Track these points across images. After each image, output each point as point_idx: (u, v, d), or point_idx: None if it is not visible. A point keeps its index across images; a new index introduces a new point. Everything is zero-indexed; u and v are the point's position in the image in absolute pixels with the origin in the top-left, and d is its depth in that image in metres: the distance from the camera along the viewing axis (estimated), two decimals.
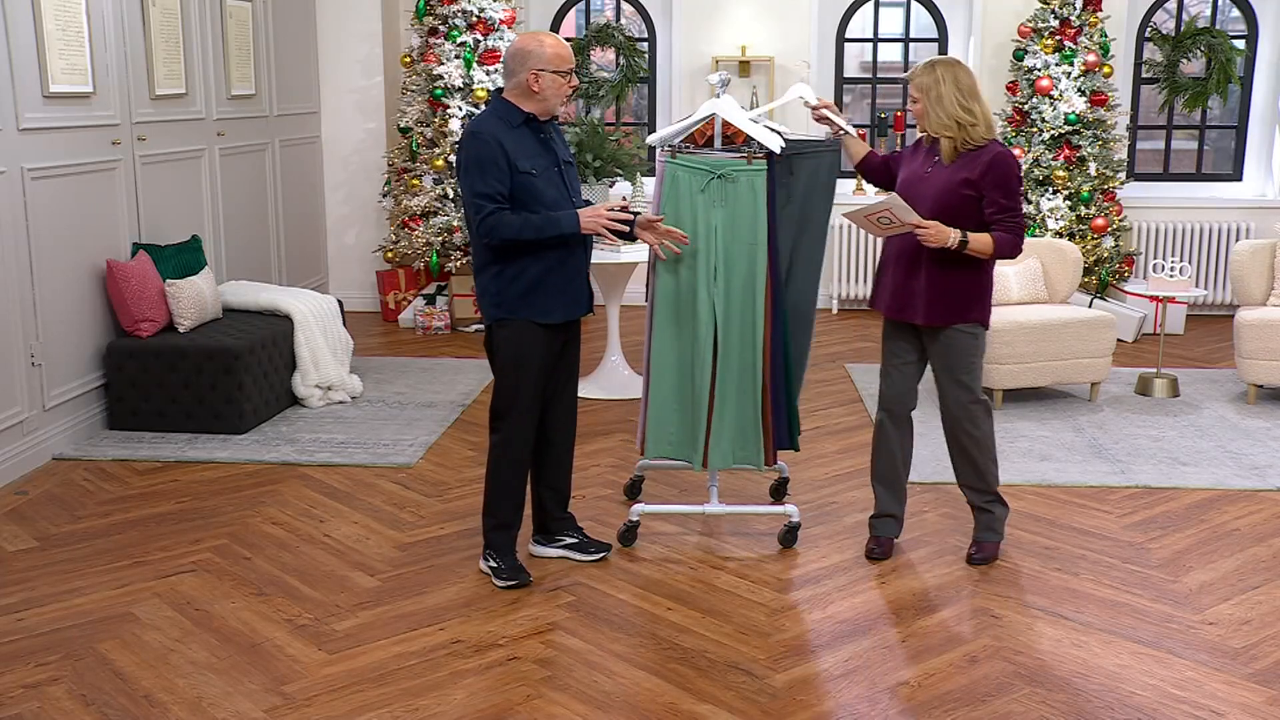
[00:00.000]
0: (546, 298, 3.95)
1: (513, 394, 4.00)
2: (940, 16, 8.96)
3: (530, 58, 3.88)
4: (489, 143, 3.83)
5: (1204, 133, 9.09)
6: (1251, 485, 5.10)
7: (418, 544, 4.43)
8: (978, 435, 4.19)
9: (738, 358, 4.27)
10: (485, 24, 7.97)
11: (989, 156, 3.97)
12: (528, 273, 3.91)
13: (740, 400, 4.31)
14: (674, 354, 4.30)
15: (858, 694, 3.38)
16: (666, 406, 4.34)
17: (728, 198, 4.21)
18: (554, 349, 4.06)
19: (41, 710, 3.26)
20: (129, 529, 4.56)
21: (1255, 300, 6.55)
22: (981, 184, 3.97)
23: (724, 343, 4.25)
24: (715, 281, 4.22)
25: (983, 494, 4.29)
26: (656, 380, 4.34)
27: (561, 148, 4.06)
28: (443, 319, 8.12)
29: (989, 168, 3.96)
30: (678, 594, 4.02)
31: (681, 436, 4.35)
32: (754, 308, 4.25)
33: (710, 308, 4.22)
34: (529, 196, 3.87)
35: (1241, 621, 3.84)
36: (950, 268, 4.04)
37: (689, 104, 8.73)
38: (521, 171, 3.85)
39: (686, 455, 4.37)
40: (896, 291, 4.17)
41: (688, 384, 4.31)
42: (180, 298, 5.83)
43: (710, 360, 4.25)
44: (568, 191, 3.99)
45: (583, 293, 4.07)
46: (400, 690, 3.38)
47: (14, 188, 5.08)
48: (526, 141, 3.91)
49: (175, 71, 6.37)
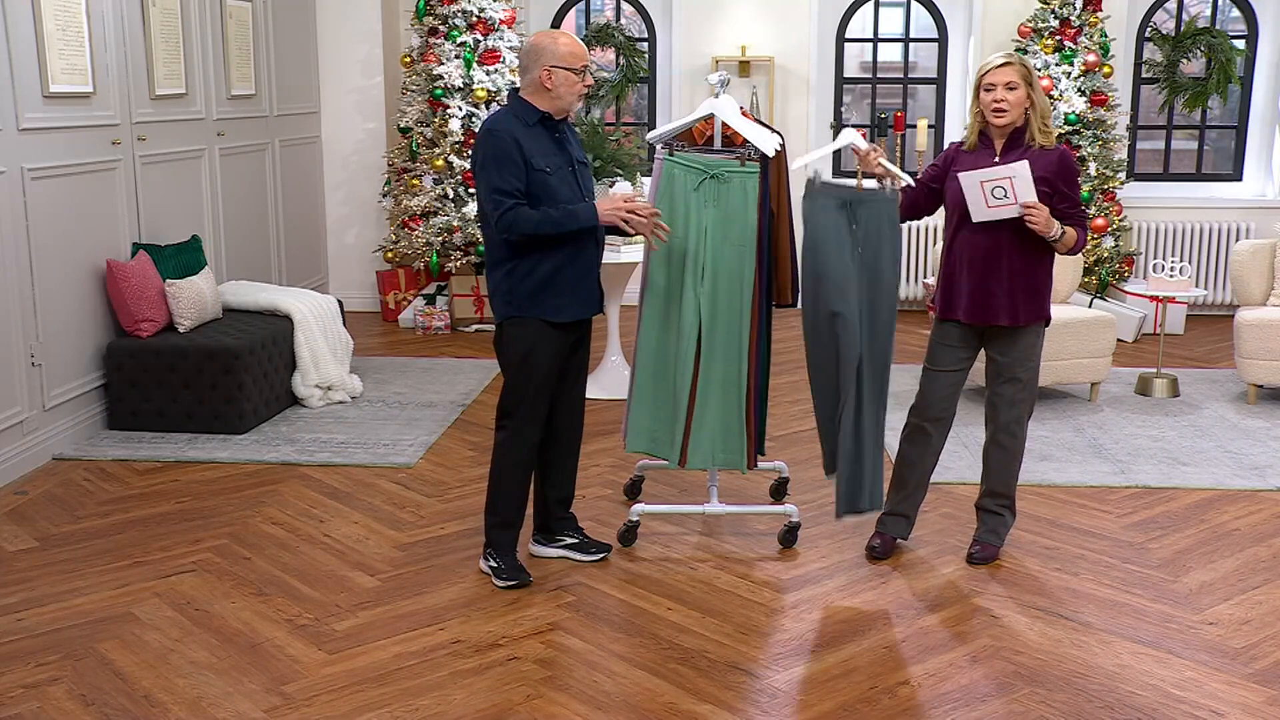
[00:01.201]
0: (558, 296, 3.94)
1: (520, 393, 4.00)
2: (940, 16, 8.97)
3: (544, 54, 3.88)
4: (505, 139, 3.83)
5: (1204, 133, 9.09)
6: (1251, 485, 5.10)
7: (418, 544, 4.43)
8: (1021, 437, 4.24)
9: (722, 358, 4.27)
10: (485, 24, 7.97)
11: (1057, 155, 4.04)
12: (539, 270, 3.91)
13: (725, 401, 4.30)
14: (658, 351, 4.31)
15: (858, 694, 3.38)
16: (647, 402, 4.35)
17: (719, 198, 4.21)
18: (564, 349, 4.05)
19: (41, 710, 3.26)
20: (129, 529, 4.56)
21: (1255, 300, 6.55)
22: (1056, 182, 4.02)
23: (708, 343, 4.25)
24: (702, 281, 4.21)
25: (1002, 499, 4.29)
26: (640, 376, 4.35)
27: (576, 148, 4.06)
28: (443, 319, 8.12)
29: (1061, 166, 4.03)
30: (678, 594, 4.02)
31: (660, 434, 4.36)
32: (741, 310, 4.24)
33: (695, 307, 4.22)
34: (544, 194, 3.87)
35: (1241, 621, 3.84)
36: (1028, 267, 4.06)
37: (689, 104, 8.73)
38: (537, 169, 3.85)
39: (664, 453, 4.37)
40: (975, 294, 4.11)
41: (668, 382, 4.31)
42: (180, 298, 5.83)
43: (693, 360, 4.24)
44: (581, 191, 3.99)
45: (594, 292, 4.06)
46: (400, 690, 3.38)
47: (14, 188, 5.08)
48: (541, 140, 3.91)
49: (175, 71, 6.37)
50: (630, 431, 4.40)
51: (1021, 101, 3.99)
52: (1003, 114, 3.99)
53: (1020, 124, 4.04)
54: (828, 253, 4.04)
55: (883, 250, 4.08)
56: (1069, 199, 4.04)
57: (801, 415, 5.97)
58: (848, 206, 4.06)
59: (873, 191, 4.11)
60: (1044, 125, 4.03)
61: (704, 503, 4.54)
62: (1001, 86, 3.98)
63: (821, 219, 4.06)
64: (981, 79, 4.03)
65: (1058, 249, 4.05)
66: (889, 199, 4.10)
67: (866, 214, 4.07)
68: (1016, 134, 4.05)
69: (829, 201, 4.06)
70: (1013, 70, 3.98)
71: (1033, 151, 4.02)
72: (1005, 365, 4.17)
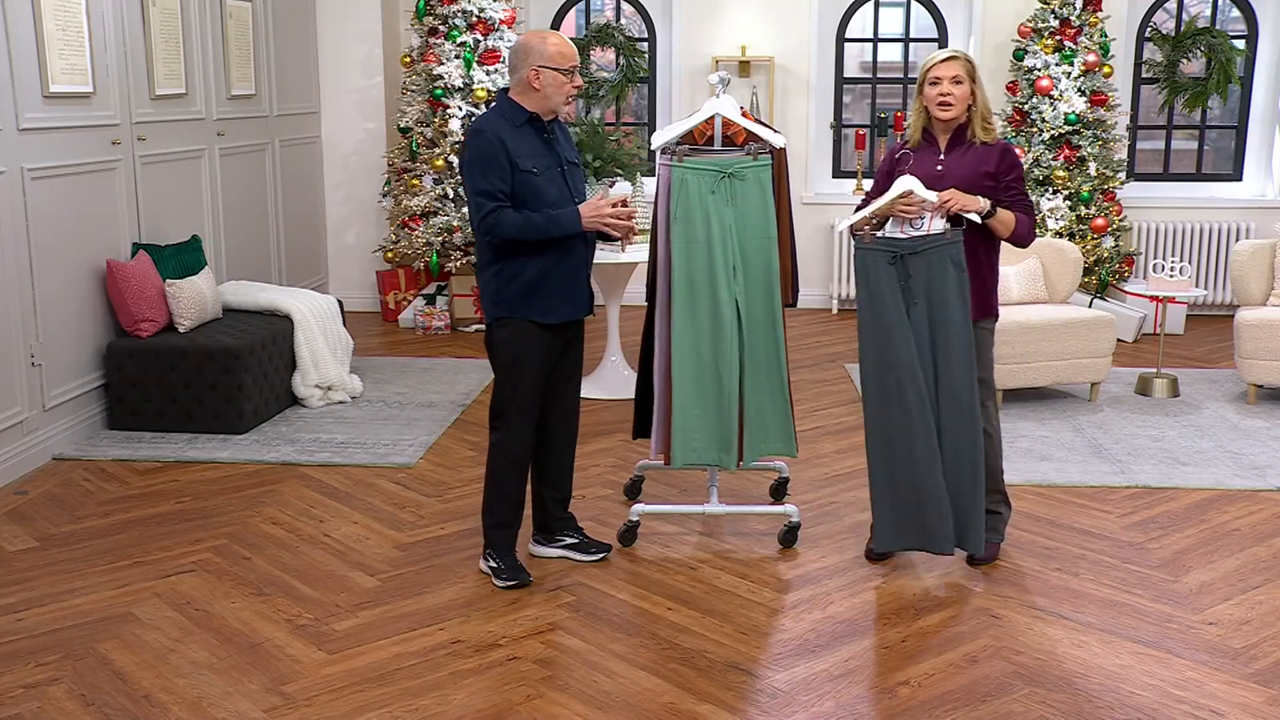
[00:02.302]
0: (546, 298, 3.94)
1: (511, 394, 4.00)
2: (940, 16, 8.97)
3: (532, 54, 3.87)
4: (491, 140, 3.83)
5: (1204, 133, 9.09)
6: (1251, 485, 5.10)
7: (418, 544, 4.43)
8: (991, 432, 4.20)
9: (763, 351, 4.30)
10: (485, 24, 7.97)
11: (999, 150, 4.08)
12: (526, 272, 3.91)
13: (771, 393, 4.33)
14: (695, 360, 4.26)
15: (858, 694, 3.38)
16: (691, 414, 4.27)
17: (737, 195, 4.23)
18: (554, 350, 4.05)
19: (41, 710, 3.26)
20: (129, 529, 4.56)
21: (1255, 300, 6.55)
22: (999, 174, 4.05)
23: (749, 338, 4.26)
24: (736, 279, 4.23)
25: (992, 494, 4.29)
26: (679, 389, 4.26)
27: (567, 148, 4.05)
28: (443, 319, 8.12)
29: (1004, 159, 4.06)
30: (678, 594, 4.02)
31: (709, 441, 4.30)
32: (772, 300, 4.29)
33: (734, 306, 4.22)
34: (531, 195, 3.87)
35: (1241, 621, 3.84)
36: (971, 262, 4.05)
37: (689, 104, 8.72)
38: (523, 170, 3.85)
39: (716, 459, 4.32)
40: None
41: (714, 386, 4.27)
42: (180, 298, 5.83)
43: (737, 359, 4.24)
44: (570, 192, 3.98)
45: (583, 293, 4.06)
46: (400, 690, 3.38)
47: (14, 188, 5.08)
48: (529, 140, 3.90)
49: (175, 71, 6.37)
50: (676, 447, 4.29)
51: (966, 97, 4.02)
52: (948, 108, 4.01)
53: (964, 120, 4.07)
54: (884, 309, 3.99)
55: (949, 301, 3.95)
56: (1013, 189, 4.06)
57: (802, 415, 5.97)
58: (900, 261, 3.97)
59: (929, 238, 3.98)
60: (986, 123, 4.07)
61: (704, 503, 4.54)
62: (947, 80, 4.00)
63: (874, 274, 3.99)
64: (926, 73, 4.05)
65: (997, 229, 4.02)
66: (954, 241, 3.95)
67: (922, 263, 3.95)
68: (960, 131, 4.08)
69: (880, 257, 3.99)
70: (958, 65, 4.00)
71: (975, 148, 4.05)
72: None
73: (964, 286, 3.96)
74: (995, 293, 4.18)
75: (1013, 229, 4.04)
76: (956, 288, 3.95)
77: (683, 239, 4.23)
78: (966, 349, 3.98)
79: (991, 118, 4.09)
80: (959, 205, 3.91)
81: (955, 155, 4.06)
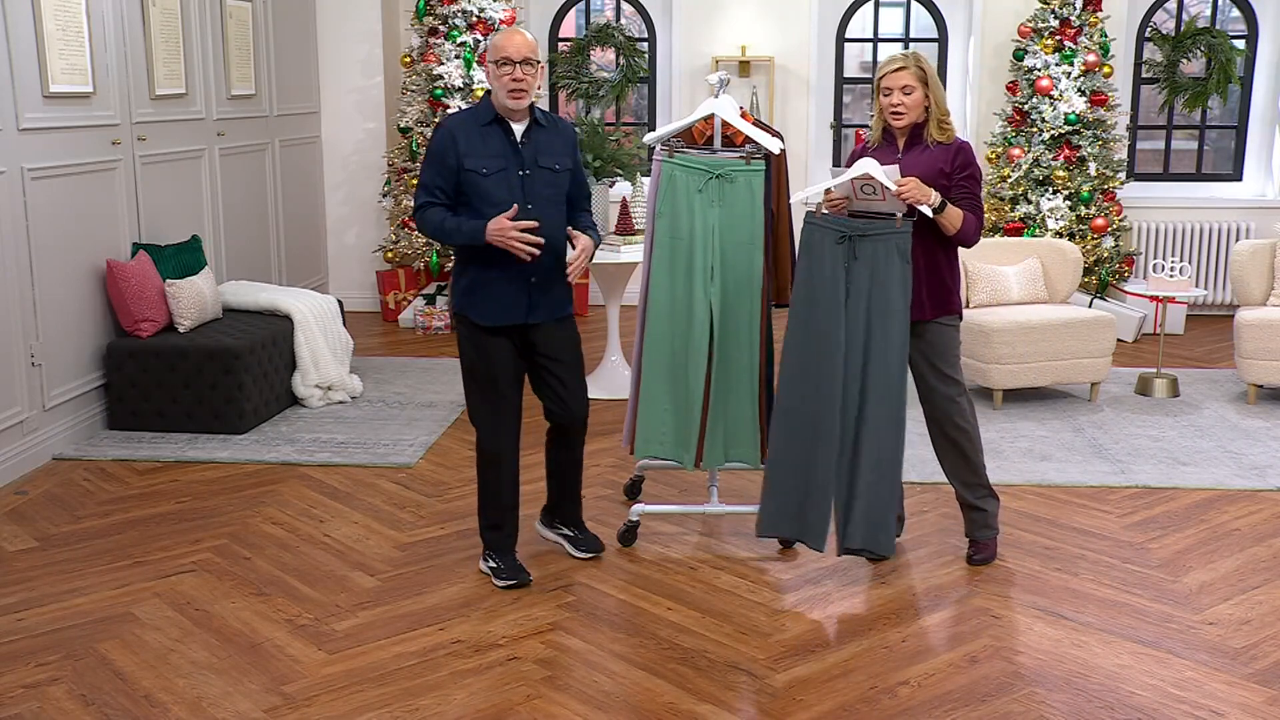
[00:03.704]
0: (483, 300, 3.94)
1: (469, 391, 4.05)
2: (940, 16, 8.96)
3: (489, 51, 3.91)
4: (442, 136, 3.87)
5: (1204, 133, 9.09)
6: (1251, 485, 5.10)
7: (418, 544, 4.43)
8: (966, 427, 4.19)
9: (734, 358, 4.28)
10: (485, 24, 7.98)
11: (954, 149, 4.10)
12: (468, 272, 3.96)
13: (738, 399, 4.31)
14: (667, 354, 4.30)
15: (858, 694, 3.38)
16: (658, 406, 4.33)
17: (725, 198, 4.22)
18: (506, 351, 3.97)
19: (41, 710, 3.26)
20: (129, 529, 4.56)
21: (1255, 300, 6.55)
22: (952, 173, 4.07)
23: (720, 342, 4.25)
24: (712, 281, 4.22)
25: (975, 488, 4.27)
26: (648, 380, 4.33)
27: (546, 152, 3.93)
28: (443, 319, 8.11)
29: (957, 157, 4.09)
30: (678, 594, 4.02)
31: (673, 437, 4.34)
32: (750, 308, 4.26)
33: (707, 307, 4.23)
34: (475, 195, 3.86)
35: (1241, 621, 3.84)
36: (930, 260, 4.07)
37: (689, 104, 8.72)
38: (468, 169, 3.84)
39: (677, 455, 4.36)
40: None
41: (681, 384, 4.30)
42: (180, 298, 5.84)
43: (705, 360, 4.25)
44: (525, 196, 3.86)
45: (520, 299, 3.93)
46: (400, 690, 3.38)
47: (14, 188, 5.08)
48: (490, 140, 3.87)
49: (175, 71, 6.37)
50: (640, 438, 4.36)
51: (919, 103, 4.05)
52: (900, 116, 4.06)
53: (921, 120, 4.09)
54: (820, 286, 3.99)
55: (891, 292, 3.94)
56: (963, 188, 4.08)
57: None
58: (848, 241, 3.97)
59: (875, 223, 3.97)
60: (942, 124, 4.09)
61: (704, 503, 4.54)
62: (898, 90, 4.04)
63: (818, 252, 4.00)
64: (879, 82, 4.10)
65: (944, 225, 4.01)
66: (902, 232, 3.94)
67: (869, 250, 3.94)
68: (918, 130, 4.11)
69: (827, 235, 3.99)
70: (908, 74, 4.03)
71: (931, 148, 4.07)
72: (927, 362, 4.14)
73: (907, 278, 3.96)
74: (957, 291, 4.18)
75: (959, 227, 4.04)
76: (899, 278, 3.95)
77: (666, 234, 4.24)
78: (903, 340, 3.98)
79: (948, 118, 4.11)
80: (913, 195, 3.93)
81: (913, 155, 4.09)
